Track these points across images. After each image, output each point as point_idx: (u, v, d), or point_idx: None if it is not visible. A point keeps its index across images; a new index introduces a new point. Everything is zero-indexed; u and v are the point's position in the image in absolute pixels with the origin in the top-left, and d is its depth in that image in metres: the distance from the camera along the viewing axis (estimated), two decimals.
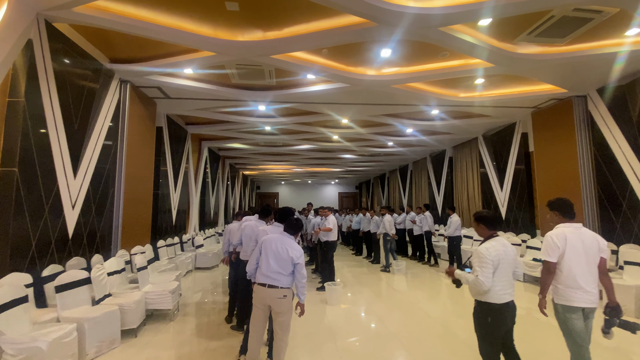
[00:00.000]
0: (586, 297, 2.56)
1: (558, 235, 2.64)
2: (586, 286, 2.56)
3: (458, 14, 4.21)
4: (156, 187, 7.69)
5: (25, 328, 3.10)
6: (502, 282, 2.58)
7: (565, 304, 2.59)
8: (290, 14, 4.64)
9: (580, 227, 2.69)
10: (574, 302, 2.56)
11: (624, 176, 6.26)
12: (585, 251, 2.59)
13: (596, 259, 2.62)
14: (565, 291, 2.59)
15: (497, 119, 9.23)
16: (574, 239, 2.60)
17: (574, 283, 2.56)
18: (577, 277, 2.56)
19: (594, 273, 2.61)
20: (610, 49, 5.31)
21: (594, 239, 2.64)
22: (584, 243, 2.60)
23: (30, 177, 4.03)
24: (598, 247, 2.63)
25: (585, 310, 2.58)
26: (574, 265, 2.57)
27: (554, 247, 2.61)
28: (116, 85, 6.01)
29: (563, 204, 2.76)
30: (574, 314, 2.56)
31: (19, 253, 3.86)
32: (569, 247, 2.58)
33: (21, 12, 3.83)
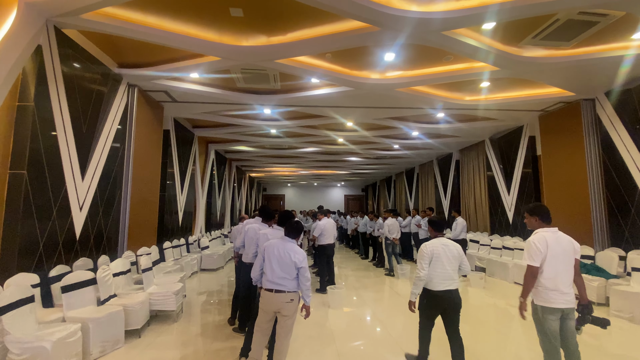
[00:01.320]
0: (564, 298, 2.67)
1: (540, 240, 2.73)
2: (563, 288, 2.68)
3: (461, 18, 4.21)
4: (163, 189, 7.79)
5: (31, 328, 3.17)
6: (439, 274, 3.11)
7: (545, 305, 2.68)
8: (293, 19, 4.69)
9: (557, 231, 2.82)
10: (554, 304, 2.66)
11: (632, 181, 6.15)
12: (562, 254, 2.71)
13: (572, 261, 2.74)
14: (545, 293, 2.69)
15: (504, 122, 9.15)
16: (553, 243, 2.72)
17: (553, 285, 2.67)
18: (556, 279, 2.67)
19: (570, 275, 2.73)
20: (617, 52, 5.24)
21: (570, 242, 2.78)
22: (561, 246, 2.73)
23: (39, 180, 4.13)
24: (573, 250, 2.76)
25: (564, 311, 2.68)
26: (553, 268, 2.68)
27: (537, 251, 2.70)
28: (124, 90, 6.12)
29: (542, 210, 2.88)
30: (553, 315, 2.66)
31: (27, 253, 3.96)
32: (549, 251, 2.69)
33: (31, 19, 3.93)
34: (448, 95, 7.36)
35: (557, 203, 7.93)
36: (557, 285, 2.67)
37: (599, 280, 5.58)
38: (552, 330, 2.67)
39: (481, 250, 8.96)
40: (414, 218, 10.32)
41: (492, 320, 4.98)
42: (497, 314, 5.36)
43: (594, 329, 3.18)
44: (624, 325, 4.75)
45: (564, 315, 2.70)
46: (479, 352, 3.85)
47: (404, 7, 4.16)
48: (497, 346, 4.03)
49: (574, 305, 2.74)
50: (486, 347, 3.99)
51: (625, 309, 4.93)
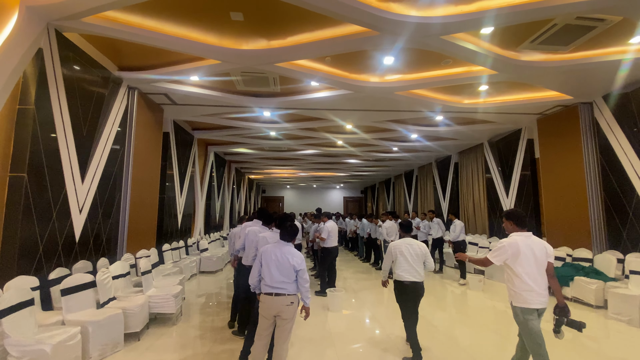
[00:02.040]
0: (539, 298, 2.80)
1: (510, 243, 2.89)
2: (538, 288, 2.81)
3: (459, 22, 4.24)
4: (162, 191, 7.80)
5: (31, 331, 3.18)
6: (405, 268, 3.70)
7: (523, 306, 2.81)
8: (293, 24, 4.72)
9: (530, 235, 2.96)
10: (531, 304, 2.79)
11: (630, 184, 6.19)
12: (535, 257, 2.85)
13: (545, 264, 2.88)
14: (522, 294, 2.82)
15: (503, 125, 9.19)
16: (525, 247, 2.86)
17: (528, 286, 2.81)
18: (530, 280, 2.81)
19: (543, 276, 2.86)
20: (615, 57, 5.29)
21: (542, 246, 2.92)
22: (533, 249, 2.86)
23: (39, 183, 4.13)
24: (546, 253, 2.90)
25: (539, 310, 2.82)
26: (527, 270, 2.82)
27: (503, 253, 2.90)
28: (124, 92, 6.14)
29: (518, 215, 3.05)
30: (531, 315, 2.79)
31: (26, 256, 3.96)
32: (521, 254, 2.84)
33: (32, 22, 3.95)
34: (447, 99, 7.40)
35: (555, 206, 7.97)
36: (532, 287, 2.81)
37: (597, 283, 5.61)
38: (536, 330, 2.78)
39: (480, 252, 8.97)
40: (414, 220, 10.35)
41: (492, 323, 5.00)
42: (497, 316, 5.37)
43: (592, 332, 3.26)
44: (622, 328, 4.77)
45: (538, 314, 2.84)
46: (479, 354, 3.86)
47: (403, 12, 4.20)
48: (497, 348, 4.04)
49: (546, 305, 2.85)
50: (486, 349, 4.01)
51: (623, 311, 4.95)
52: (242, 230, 4.59)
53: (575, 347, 4.14)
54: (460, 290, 7.09)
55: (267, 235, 3.98)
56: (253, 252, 4.11)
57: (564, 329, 2.83)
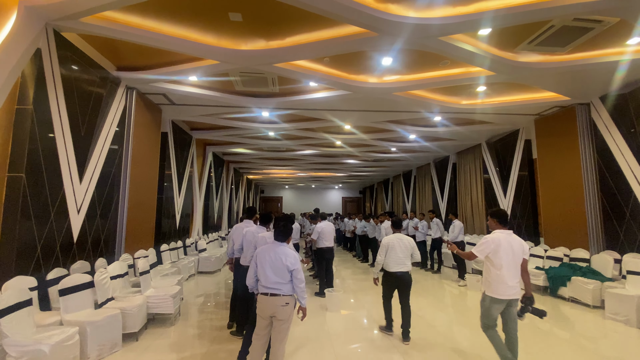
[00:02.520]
0: (509, 290, 3.18)
1: (494, 239, 3.24)
2: (509, 282, 3.17)
3: (457, 24, 4.26)
4: (160, 192, 7.79)
5: (29, 331, 3.17)
6: (393, 260, 4.29)
7: (493, 296, 3.21)
8: (292, 24, 4.73)
9: (511, 233, 3.31)
10: (500, 295, 3.18)
11: (627, 185, 6.22)
12: (512, 253, 3.20)
13: (520, 260, 3.23)
14: (494, 285, 3.20)
15: (500, 126, 9.22)
16: (504, 243, 3.21)
17: (501, 279, 3.17)
18: (504, 274, 3.17)
19: (516, 271, 3.22)
20: (612, 58, 5.32)
21: (520, 244, 3.26)
22: (512, 246, 3.21)
23: (37, 183, 4.13)
24: (522, 250, 3.24)
25: (510, 301, 3.21)
26: (503, 264, 3.17)
27: (486, 247, 3.24)
28: (122, 92, 6.13)
29: (501, 214, 3.39)
30: (498, 305, 3.21)
31: (24, 257, 3.95)
32: (502, 249, 3.19)
33: (30, 22, 3.95)
34: (445, 99, 7.42)
35: (553, 206, 8.00)
36: (504, 279, 3.17)
37: (595, 283, 5.63)
38: (493, 316, 3.26)
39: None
40: (412, 220, 10.36)
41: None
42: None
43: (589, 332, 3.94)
44: (619, 328, 4.79)
45: (508, 304, 3.23)
46: (477, 354, 3.88)
47: (402, 13, 4.22)
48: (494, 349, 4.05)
49: (518, 296, 3.23)
50: (483, 348, 4.02)
51: (620, 311, 4.97)
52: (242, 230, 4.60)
53: (572, 347, 4.16)
54: (459, 291, 7.10)
55: (266, 236, 3.98)
56: (251, 252, 4.12)
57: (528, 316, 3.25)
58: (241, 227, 4.80)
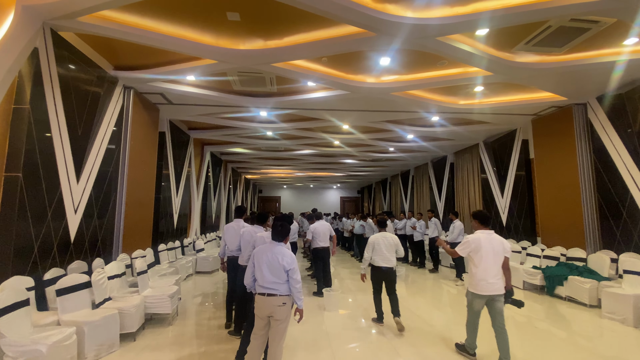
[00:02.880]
0: (490, 287, 3.44)
1: (474, 239, 3.52)
2: (490, 279, 3.43)
3: (455, 24, 4.28)
4: (158, 191, 7.77)
5: (26, 331, 3.16)
6: (379, 256, 4.61)
7: (474, 292, 3.53)
8: (290, 24, 4.73)
9: (492, 233, 3.57)
10: (481, 292, 3.48)
11: (624, 184, 6.26)
12: (493, 252, 3.45)
13: (501, 258, 3.48)
14: (476, 282, 3.49)
15: (498, 126, 9.26)
16: (485, 242, 3.47)
17: (482, 276, 3.45)
18: (485, 272, 3.43)
19: (497, 268, 3.47)
20: (609, 58, 5.35)
21: (501, 243, 3.52)
22: (492, 245, 3.47)
23: (34, 182, 4.11)
24: (503, 249, 3.49)
25: (490, 296, 3.46)
26: (485, 263, 3.43)
27: (467, 246, 3.54)
28: (120, 92, 6.12)
29: (483, 215, 3.67)
30: (479, 299, 3.53)
31: (21, 256, 3.94)
32: (482, 248, 3.45)
33: (28, 22, 3.93)
34: (442, 99, 7.44)
35: (550, 206, 8.04)
36: (485, 277, 3.44)
37: (591, 282, 5.66)
38: (475, 309, 3.59)
39: None
40: (410, 220, 10.38)
41: (487, 322, 5.02)
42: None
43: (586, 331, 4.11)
44: (615, 327, 4.82)
45: (491, 299, 3.48)
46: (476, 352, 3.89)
47: (400, 13, 4.23)
48: (492, 347, 4.07)
49: (501, 292, 3.47)
50: (481, 347, 4.03)
51: (617, 311, 5.00)
52: (239, 231, 4.61)
53: (569, 346, 4.18)
54: (457, 290, 7.13)
55: (264, 235, 3.98)
56: (249, 251, 4.12)
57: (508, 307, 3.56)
58: (233, 227, 4.81)
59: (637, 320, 4.75)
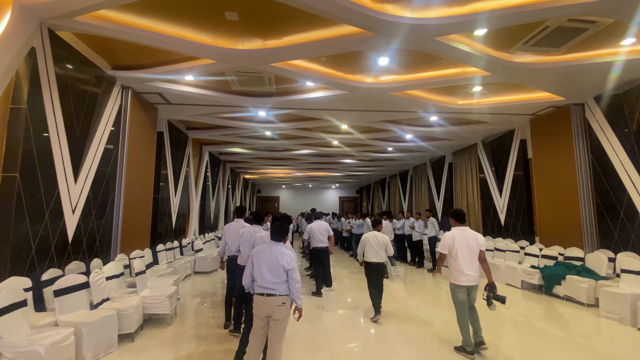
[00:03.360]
0: (467, 278, 3.78)
1: (450, 235, 3.89)
2: (467, 271, 3.77)
3: (453, 24, 4.28)
4: (156, 191, 7.76)
5: (24, 332, 3.15)
6: (370, 253, 5.10)
7: (455, 282, 3.86)
8: (289, 24, 4.72)
9: (466, 229, 3.92)
10: (459, 282, 3.81)
11: (621, 184, 6.28)
12: (467, 246, 3.79)
13: (476, 252, 3.80)
14: (454, 274, 3.85)
15: (496, 126, 9.27)
16: (459, 238, 3.83)
17: (460, 269, 3.79)
18: (462, 265, 3.78)
19: (474, 261, 3.79)
20: (606, 58, 5.37)
21: (475, 238, 3.85)
22: (467, 241, 3.81)
23: (32, 183, 4.10)
24: (477, 243, 3.82)
25: (467, 287, 3.82)
26: (460, 256, 3.78)
27: (444, 243, 3.90)
28: (118, 92, 6.10)
29: (458, 214, 4.02)
30: (459, 290, 3.84)
31: (19, 257, 3.92)
32: (457, 244, 3.81)
33: (25, 21, 3.91)
34: (441, 99, 7.45)
35: (548, 205, 8.07)
36: (462, 269, 3.77)
37: (589, 281, 5.68)
38: (460, 299, 3.85)
39: None
40: (408, 220, 10.39)
41: (484, 321, 5.03)
42: (489, 314, 5.42)
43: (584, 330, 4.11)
44: (613, 326, 4.84)
45: (469, 289, 3.85)
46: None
47: (398, 13, 4.23)
48: (490, 347, 4.08)
49: (476, 283, 3.82)
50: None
51: (614, 310, 5.02)
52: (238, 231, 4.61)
53: (567, 345, 4.20)
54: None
55: (264, 235, 3.98)
56: (248, 251, 4.11)
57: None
58: (234, 226, 4.81)
59: (634, 319, 4.77)
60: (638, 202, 5.97)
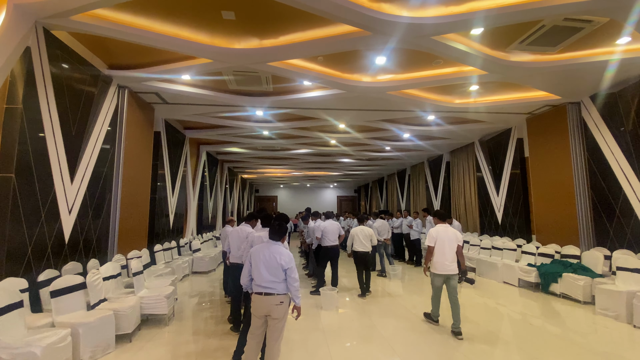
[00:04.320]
0: (445, 267, 4.46)
1: (435, 231, 4.57)
2: (445, 262, 4.45)
3: (450, 23, 4.29)
4: (153, 191, 7.73)
5: (20, 333, 3.13)
6: (358, 244, 6.28)
7: (434, 272, 4.56)
8: (285, 23, 4.72)
9: (447, 226, 4.63)
10: (438, 271, 4.51)
11: (617, 182, 6.32)
12: (447, 240, 4.49)
13: (455, 246, 4.49)
14: (435, 264, 4.52)
15: (493, 125, 9.31)
16: (442, 234, 4.52)
17: (440, 260, 4.47)
18: (443, 256, 4.46)
19: (451, 253, 4.47)
20: (602, 57, 5.40)
21: (454, 234, 4.54)
22: (447, 236, 4.51)
23: (27, 183, 4.07)
24: (455, 239, 4.51)
25: (446, 275, 4.48)
26: (440, 249, 4.47)
27: (431, 238, 4.56)
28: (114, 91, 6.07)
29: (441, 214, 4.84)
30: (438, 278, 4.56)
31: (15, 258, 3.90)
32: (438, 239, 4.50)
33: (20, 20, 3.89)
34: (438, 98, 7.46)
35: (544, 204, 8.10)
36: (442, 260, 4.45)
37: (585, 279, 5.71)
38: (437, 286, 4.62)
39: (471, 250, 9.08)
40: (406, 219, 10.41)
41: (482, 320, 5.06)
42: (487, 313, 5.45)
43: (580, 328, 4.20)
44: (609, 323, 4.87)
45: (447, 277, 4.48)
46: (470, 351, 3.91)
47: (395, 13, 4.23)
48: (487, 345, 4.10)
49: (454, 272, 4.47)
50: (477, 346, 4.06)
51: (610, 307, 5.05)
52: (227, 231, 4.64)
53: (563, 342, 4.22)
54: None
55: (261, 235, 3.97)
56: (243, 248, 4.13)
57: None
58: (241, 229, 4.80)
59: (630, 317, 4.80)
60: (634, 200, 6.01)
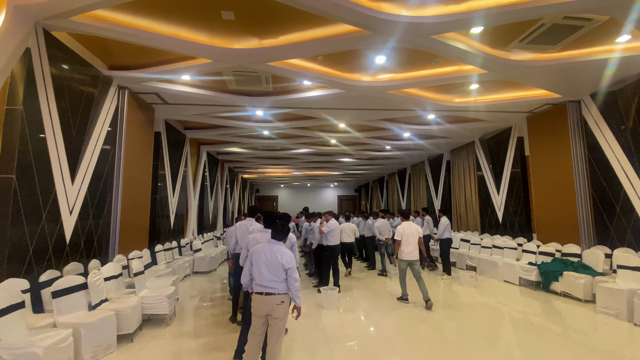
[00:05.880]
0: (409, 255, 5.58)
1: (402, 227, 5.67)
2: (408, 250, 5.58)
3: (449, 22, 4.29)
4: (154, 192, 7.74)
5: (22, 333, 3.14)
6: (344, 236, 7.66)
7: (401, 258, 5.65)
8: (285, 23, 4.72)
9: (410, 223, 5.76)
10: (404, 257, 5.62)
11: (617, 180, 6.32)
12: (411, 235, 5.61)
13: (416, 238, 5.62)
14: (401, 252, 5.62)
15: (493, 124, 9.30)
16: (406, 229, 5.63)
17: (405, 249, 5.59)
18: (407, 246, 5.59)
19: (414, 244, 5.61)
20: (602, 55, 5.39)
21: (416, 229, 5.67)
22: (410, 230, 5.63)
23: (28, 184, 4.08)
24: (417, 232, 5.64)
25: (410, 261, 5.62)
26: (405, 241, 5.59)
27: (399, 234, 5.65)
28: (114, 92, 6.08)
29: (405, 213, 6.04)
30: (403, 262, 5.68)
31: (16, 259, 3.91)
32: (405, 233, 5.60)
33: (20, 21, 3.90)
34: (438, 97, 7.46)
35: (545, 202, 8.10)
36: (407, 250, 5.58)
37: (586, 277, 5.71)
38: (402, 268, 5.74)
39: (472, 249, 9.08)
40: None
41: (483, 319, 5.07)
42: (488, 312, 5.45)
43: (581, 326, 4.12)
44: (610, 321, 4.87)
45: (411, 263, 5.62)
46: (471, 350, 3.92)
47: (395, 12, 4.23)
48: (488, 344, 4.11)
49: (416, 258, 5.61)
50: (477, 345, 4.07)
51: (611, 305, 5.05)
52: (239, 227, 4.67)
53: (564, 340, 4.22)
54: (443, 284, 7.23)
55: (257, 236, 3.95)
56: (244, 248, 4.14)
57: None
58: (245, 224, 4.81)
59: (630, 315, 4.80)
60: (634, 198, 6.01)
